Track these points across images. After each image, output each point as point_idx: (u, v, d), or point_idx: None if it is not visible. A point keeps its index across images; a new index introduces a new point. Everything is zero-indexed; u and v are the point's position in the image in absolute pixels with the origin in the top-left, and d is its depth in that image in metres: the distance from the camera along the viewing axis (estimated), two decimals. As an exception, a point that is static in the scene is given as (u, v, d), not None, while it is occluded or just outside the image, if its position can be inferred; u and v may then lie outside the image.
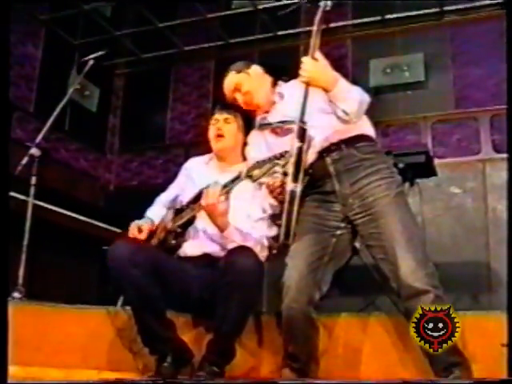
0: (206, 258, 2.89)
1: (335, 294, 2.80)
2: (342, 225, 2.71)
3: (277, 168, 2.53)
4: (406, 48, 6.81)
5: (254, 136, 3.00)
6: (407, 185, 3.73)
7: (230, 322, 2.59)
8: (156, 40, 7.71)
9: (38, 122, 5.87)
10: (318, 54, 2.58)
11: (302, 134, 2.46)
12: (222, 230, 2.78)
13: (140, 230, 2.98)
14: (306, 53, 2.64)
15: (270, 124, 2.88)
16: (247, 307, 2.65)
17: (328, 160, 2.68)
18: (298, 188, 2.45)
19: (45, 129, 3.98)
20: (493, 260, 5.55)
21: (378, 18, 6.93)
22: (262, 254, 2.85)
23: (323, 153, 2.69)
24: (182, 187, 3.16)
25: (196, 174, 3.15)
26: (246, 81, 2.92)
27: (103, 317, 3.17)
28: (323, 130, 2.67)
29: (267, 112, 2.93)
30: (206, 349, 2.67)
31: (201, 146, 3.37)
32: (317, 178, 2.69)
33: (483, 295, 5.35)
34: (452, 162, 6.17)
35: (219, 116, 3.10)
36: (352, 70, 6.65)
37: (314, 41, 2.59)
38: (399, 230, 2.56)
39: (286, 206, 2.49)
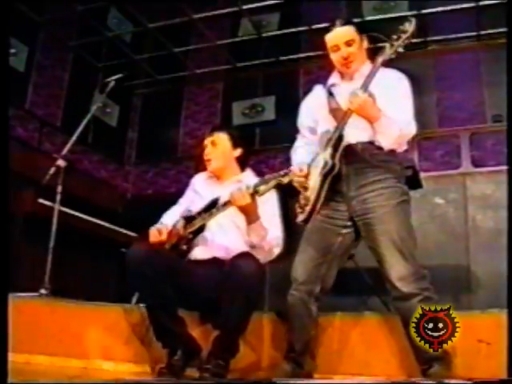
0: (214, 261, 2.87)
1: (331, 295, 2.75)
2: (349, 223, 2.66)
3: (281, 183, 2.53)
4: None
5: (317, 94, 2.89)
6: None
7: (234, 320, 2.57)
8: (170, 63, 7.71)
9: (64, 136, 5.86)
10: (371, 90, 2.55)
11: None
12: (250, 221, 2.74)
13: (160, 233, 2.93)
14: (306, 75, 2.62)
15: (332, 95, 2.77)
16: (250, 307, 2.62)
17: (342, 161, 2.61)
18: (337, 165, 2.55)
19: (70, 142, 3.97)
20: (472, 264, 5.53)
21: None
22: (277, 251, 2.84)
23: (342, 151, 2.61)
24: (191, 199, 3.14)
25: (201, 188, 3.13)
26: (357, 43, 2.70)
27: (119, 313, 3.14)
28: (349, 129, 2.61)
29: (344, 77, 2.78)
30: (212, 344, 2.63)
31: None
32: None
33: (463, 296, 5.32)
34: (436, 176, 6.13)
35: (207, 140, 3.08)
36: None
37: (371, 78, 2.55)
38: (393, 238, 2.51)
39: (316, 189, 2.56)
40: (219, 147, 3.04)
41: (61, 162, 3.83)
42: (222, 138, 3.06)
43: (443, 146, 6.48)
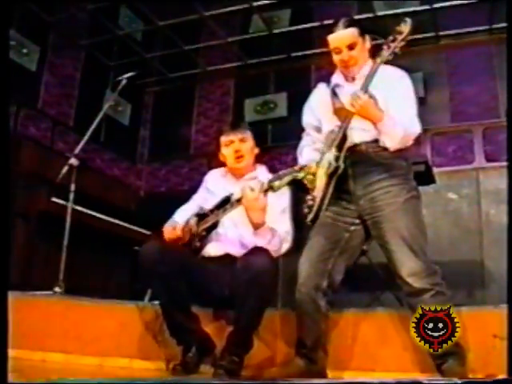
0: (227, 257, 2.85)
1: (344, 291, 2.74)
2: (357, 221, 2.65)
3: (296, 179, 2.52)
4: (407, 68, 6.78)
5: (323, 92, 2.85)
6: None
7: (248, 316, 2.57)
8: (182, 61, 7.74)
9: (76, 135, 5.91)
10: (371, 90, 2.52)
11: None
12: (256, 226, 2.70)
13: (174, 229, 2.92)
14: (317, 71, 2.58)
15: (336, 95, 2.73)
16: (263, 303, 2.61)
17: (348, 161, 2.59)
18: (340, 167, 2.54)
19: (83, 141, 3.98)
20: (486, 259, 5.51)
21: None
22: (286, 247, 2.82)
23: (347, 151, 2.59)
24: (204, 197, 3.11)
25: (215, 186, 3.10)
26: (359, 45, 2.66)
27: (133, 310, 3.15)
28: (353, 129, 2.59)
29: (347, 78, 2.74)
30: (226, 340, 2.64)
31: (222, 157, 3.34)
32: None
33: (477, 291, 5.31)
34: (449, 171, 6.12)
35: (234, 137, 3.02)
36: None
37: (369, 80, 2.53)
38: (402, 235, 2.50)
39: (322, 189, 2.55)
40: (248, 144, 3.03)
41: (73, 161, 3.85)
42: (249, 135, 3.06)
43: (456, 140, 6.46)
